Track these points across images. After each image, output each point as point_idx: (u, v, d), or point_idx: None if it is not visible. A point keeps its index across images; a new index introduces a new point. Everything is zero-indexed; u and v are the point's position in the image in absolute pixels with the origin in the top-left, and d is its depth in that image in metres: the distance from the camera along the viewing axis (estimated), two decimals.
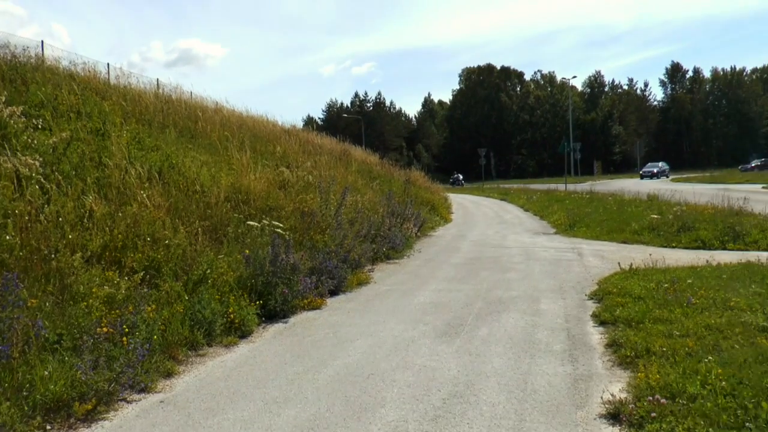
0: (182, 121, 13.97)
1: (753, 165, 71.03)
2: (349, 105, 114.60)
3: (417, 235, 15.75)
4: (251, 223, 9.15)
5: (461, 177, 73.06)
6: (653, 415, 4.15)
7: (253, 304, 7.30)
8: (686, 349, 5.41)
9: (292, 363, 5.83)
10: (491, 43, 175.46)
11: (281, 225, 9.33)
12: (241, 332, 6.84)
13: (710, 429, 3.90)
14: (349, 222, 11.77)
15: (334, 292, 9.04)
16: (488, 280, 9.93)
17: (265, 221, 9.26)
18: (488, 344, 6.24)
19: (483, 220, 22.22)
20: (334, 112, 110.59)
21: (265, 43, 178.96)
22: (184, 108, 15.33)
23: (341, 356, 5.99)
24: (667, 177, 60.67)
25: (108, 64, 15.61)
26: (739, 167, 72.68)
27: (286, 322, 7.49)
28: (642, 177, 62.08)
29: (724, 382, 4.52)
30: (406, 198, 18.04)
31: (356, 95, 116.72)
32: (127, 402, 4.93)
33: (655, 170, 62.25)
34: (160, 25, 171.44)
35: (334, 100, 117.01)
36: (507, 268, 11.08)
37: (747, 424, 3.92)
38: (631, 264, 9.75)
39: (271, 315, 7.59)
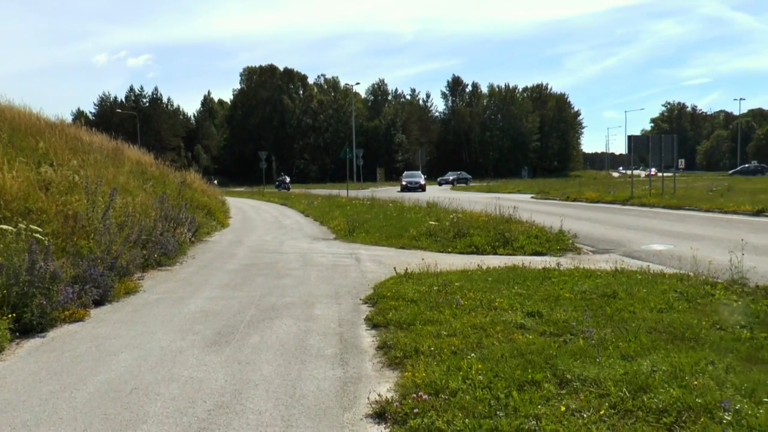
0: None
1: (451, 179, 78.38)
2: (123, 100, 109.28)
3: (192, 241, 15.34)
4: (5, 227, 8.38)
5: (288, 179, 69.95)
6: (416, 411, 4.41)
7: (5, 318, 6.70)
8: (452, 347, 5.83)
9: (47, 381, 5.45)
10: (274, 43, 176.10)
11: (40, 230, 8.67)
12: None
13: (467, 420, 4.22)
14: (118, 226, 11.20)
15: (99, 303, 8.52)
16: (263, 286, 9.93)
17: (21, 225, 8.55)
18: (259, 352, 6.26)
19: (262, 226, 22.15)
20: (107, 107, 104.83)
21: (28, 25, 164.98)
22: None
23: (103, 371, 5.70)
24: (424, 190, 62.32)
25: None
26: (438, 180, 78.95)
27: (43, 337, 6.97)
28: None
29: (481, 376, 4.96)
30: (181, 201, 17.51)
31: (131, 89, 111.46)
32: None
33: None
34: None
35: (107, 94, 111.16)
36: (283, 274, 11.14)
37: (498, 412, 4.32)
38: (407, 268, 10.17)
39: (27, 329, 7.01)
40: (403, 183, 56.82)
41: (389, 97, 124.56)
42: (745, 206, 22.86)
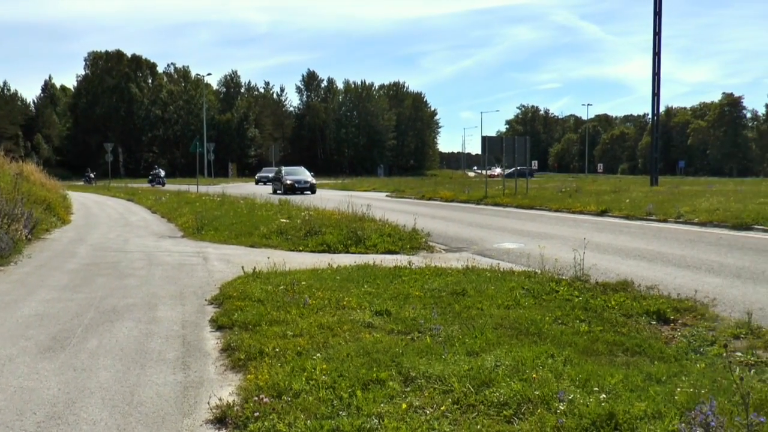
0: None
1: (270, 176, 76.41)
2: None
3: (28, 239, 14.46)
4: None
5: (163, 173, 65.36)
6: (257, 414, 4.40)
7: None
8: (298, 348, 5.83)
9: None
10: (121, 28, 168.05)
11: None
12: None
13: (308, 421, 4.23)
14: None
15: None
16: (104, 287, 9.55)
17: None
18: (96, 357, 6.04)
19: (106, 222, 21.23)
20: None
21: None
22: None
23: None
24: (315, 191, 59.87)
25: None
26: (256, 177, 72.71)
27: None
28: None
29: (326, 377, 4.97)
30: (17, 195, 16.44)
31: None
32: None
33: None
34: None
35: None
36: (126, 274, 10.75)
37: (341, 412, 4.37)
38: (255, 268, 10.04)
39: None
40: (287, 182, 43.16)
41: (242, 90, 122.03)
42: (591, 207, 24.43)
